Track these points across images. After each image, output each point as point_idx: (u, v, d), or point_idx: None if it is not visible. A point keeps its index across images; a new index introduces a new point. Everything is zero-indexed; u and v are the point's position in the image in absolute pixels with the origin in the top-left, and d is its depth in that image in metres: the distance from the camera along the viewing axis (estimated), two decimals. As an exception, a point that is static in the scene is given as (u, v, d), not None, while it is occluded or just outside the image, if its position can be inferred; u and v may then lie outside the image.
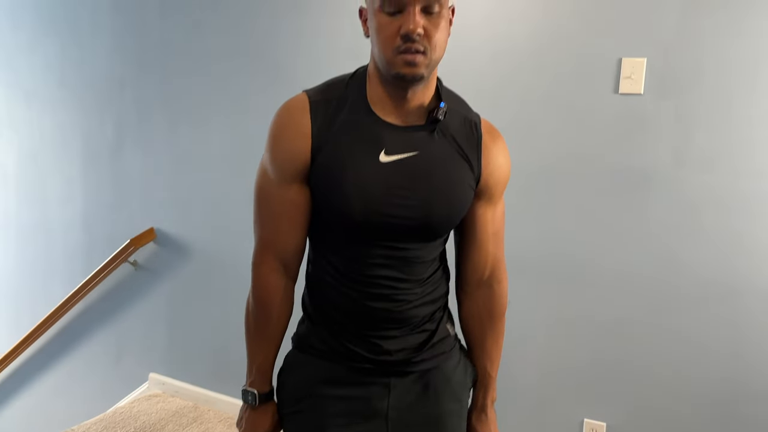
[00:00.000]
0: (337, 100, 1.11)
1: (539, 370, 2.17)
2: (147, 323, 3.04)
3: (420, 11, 1.01)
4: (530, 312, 2.17)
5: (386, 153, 1.08)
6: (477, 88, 2.16)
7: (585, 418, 2.13)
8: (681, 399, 2.00)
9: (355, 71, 1.16)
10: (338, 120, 1.09)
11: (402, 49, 1.01)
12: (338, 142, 1.08)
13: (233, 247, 2.76)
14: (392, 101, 1.09)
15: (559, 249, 2.13)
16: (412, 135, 1.10)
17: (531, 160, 2.13)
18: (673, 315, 1.99)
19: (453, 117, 1.14)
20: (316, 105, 1.10)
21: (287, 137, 1.11)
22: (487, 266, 1.23)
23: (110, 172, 3.08)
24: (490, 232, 1.21)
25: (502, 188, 1.20)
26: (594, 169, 2.05)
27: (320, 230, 1.18)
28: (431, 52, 1.03)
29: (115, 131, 3.03)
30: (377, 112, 1.10)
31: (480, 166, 1.15)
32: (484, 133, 1.17)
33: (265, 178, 1.16)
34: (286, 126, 1.11)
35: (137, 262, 3.03)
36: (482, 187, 1.16)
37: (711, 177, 1.91)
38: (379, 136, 1.08)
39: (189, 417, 2.77)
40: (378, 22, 1.03)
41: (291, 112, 1.12)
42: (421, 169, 1.09)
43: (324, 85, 1.16)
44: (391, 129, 1.09)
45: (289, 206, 1.14)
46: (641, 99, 1.97)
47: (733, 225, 1.89)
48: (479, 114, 1.20)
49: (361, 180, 1.07)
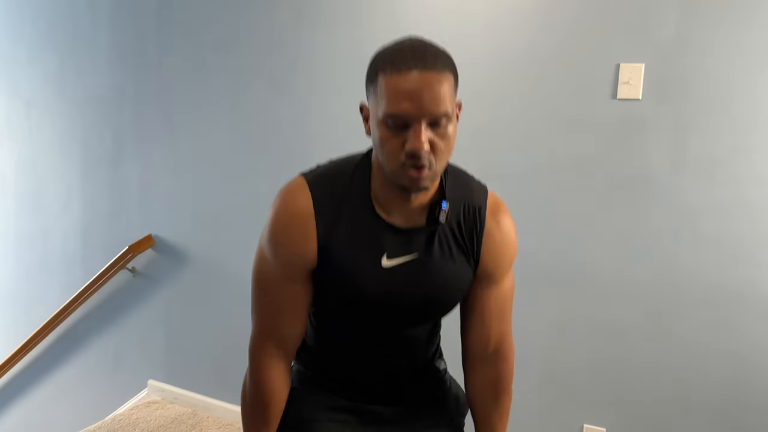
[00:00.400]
0: (341, 197, 1.08)
1: (539, 374, 2.17)
2: (145, 330, 3.04)
3: (426, 126, 0.96)
4: (530, 317, 2.17)
5: (388, 257, 1.09)
6: (476, 94, 2.17)
7: (585, 423, 2.13)
8: (681, 405, 1.99)
9: (360, 159, 1.12)
10: (342, 220, 1.08)
11: (407, 165, 0.98)
12: (343, 244, 1.08)
13: (231, 254, 2.76)
14: (396, 201, 1.07)
15: (558, 254, 2.13)
16: (413, 237, 1.10)
17: (529, 165, 2.13)
18: (673, 320, 1.99)
19: (456, 205, 1.11)
20: (321, 205, 1.08)
21: (292, 242, 1.08)
22: (491, 343, 1.20)
23: (109, 181, 3.08)
24: (493, 310, 1.18)
25: (505, 270, 1.17)
26: (592, 174, 2.05)
27: (320, 309, 1.19)
28: (437, 164, 1.00)
29: (114, 141, 3.04)
30: (380, 213, 1.08)
31: (479, 253, 1.13)
32: (488, 218, 1.13)
33: (266, 268, 1.13)
34: (290, 229, 1.08)
35: (135, 269, 3.03)
36: (482, 272, 1.15)
37: (710, 182, 1.91)
38: (382, 240, 1.09)
39: (188, 424, 2.76)
40: (382, 134, 0.99)
41: (295, 215, 1.08)
42: (420, 271, 1.11)
43: (327, 175, 1.11)
44: (393, 231, 1.09)
45: (292, 299, 1.13)
46: (639, 104, 1.97)
47: (733, 230, 1.90)
48: (486, 187, 1.17)
49: (364, 283, 1.10)
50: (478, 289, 1.16)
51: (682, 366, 1.99)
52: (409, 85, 0.94)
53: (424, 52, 0.96)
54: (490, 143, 2.17)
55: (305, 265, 1.09)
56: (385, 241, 1.08)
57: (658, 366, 2.02)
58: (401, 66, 0.95)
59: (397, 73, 0.94)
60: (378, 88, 0.97)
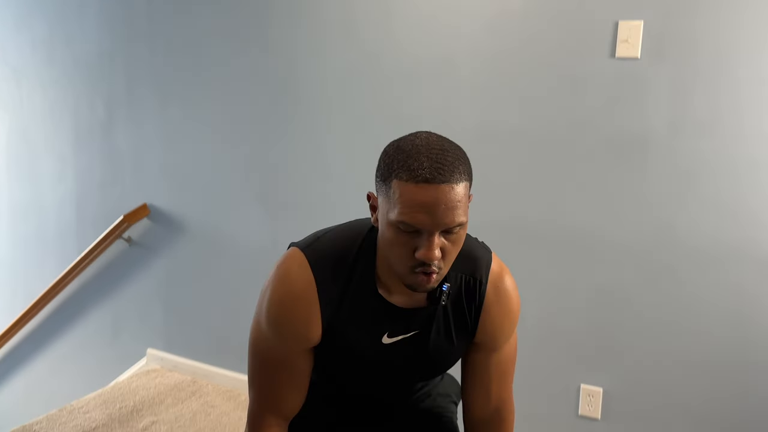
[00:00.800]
0: (345, 279, 1.06)
1: (536, 336, 2.18)
2: (143, 299, 3.04)
3: (439, 235, 0.93)
4: (526, 279, 2.16)
5: (389, 336, 1.10)
6: (473, 52, 2.14)
7: (582, 383, 2.15)
8: (678, 365, 2.01)
9: (363, 239, 1.08)
10: (346, 301, 1.07)
11: (417, 270, 0.95)
12: (345, 323, 1.07)
13: (227, 221, 2.75)
14: (398, 285, 1.06)
15: (553, 216, 2.12)
16: (414, 316, 1.10)
17: (525, 124, 2.11)
18: (672, 281, 1.99)
19: (457, 280, 1.10)
20: (324, 290, 1.05)
21: (295, 325, 1.07)
22: (490, 406, 1.20)
23: (101, 149, 3.05)
24: (493, 375, 1.18)
25: (504, 339, 1.16)
26: (589, 134, 2.04)
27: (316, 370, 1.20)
28: (446, 267, 0.98)
29: (106, 108, 3.00)
30: (383, 294, 1.07)
31: (477, 325, 1.12)
32: (489, 291, 1.11)
33: (266, 345, 1.11)
34: (293, 313, 1.06)
35: (131, 239, 3.01)
36: (480, 340, 1.15)
37: (709, 142, 1.90)
38: (384, 320, 1.09)
39: (188, 391, 2.78)
40: (391, 237, 0.95)
41: (298, 299, 1.05)
42: (419, 347, 1.12)
43: (330, 256, 1.07)
44: (395, 312, 1.08)
45: (293, 374, 1.12)
46: (638, 63, 1.94)
47: (733, 190, 1.89)
48: (490, 253, 1.15)
49: (365, 360, 1.11)
50: (478, 355, 1.17)
51: (680, 326, 2.00)
52: (425, 198, 0.90)
53: (442, 162, 0.91)
54: (487, 102, 2.15)
55: (308, 345, 1.09)
56: (387, 321, 1.09)
57: (656, 327, 2.03)
58: (417, 175, 0.90)
59: (413, 183, 0.90)
60: (391, 191, 0.93)
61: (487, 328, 1.12)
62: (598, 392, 2.12)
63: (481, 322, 1.11)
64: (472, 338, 1.13)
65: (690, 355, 1.99)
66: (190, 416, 2.57)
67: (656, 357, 2.04)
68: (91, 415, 2.56)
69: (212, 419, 2.55)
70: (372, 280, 1.06)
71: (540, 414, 2.21)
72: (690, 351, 1.99)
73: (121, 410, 2.60)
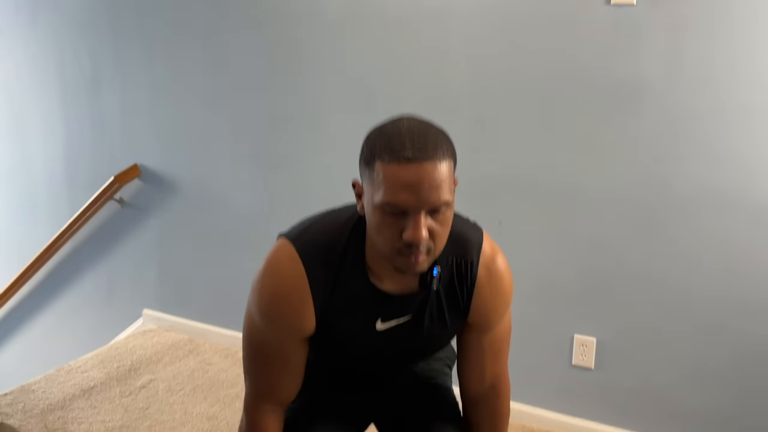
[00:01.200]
0: (336, 268, 1.05)
1: (530, 288, 2.19)
2: (137, 260, 3.03)
3: (426, 215, 0.92)
4: (519, 230, 2.17)
5: (382, 322, 1.10)
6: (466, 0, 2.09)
7: (575, 333, 2.17)
8: (670, 314, 2.03)
9: (352, 227, 1.07)
10: (338, 290, 1.06)
11: (405, 252, 0.94)
12: (338, 312, 1.08)
13: (219, 179, 2.72)
14: (389, 271, 1.05)
15: (545, 166, 2.11)
16: (406, 302, 1.10)
17: (517, 74, 2.09)
18: (665, 231, 2.00)
19: (448, 263, 1.09)
20: (316, 281, 1.04)
21: (288, 318, 1.06)
22: (485, 383, 1.21)
23: (90, 108, 3.00)
24: (487, 353, 1.18)
25: (498, 318, 1.16)
26: (583, 83, 2.01)
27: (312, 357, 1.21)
28: (435, 249, 0.96)
29: (92, 66, 2.94)
30: (374, 281, 1.07)
31: (469, 305, 1.12)
32: (480, 272, 1.11)
33: (260, 337, 1.10)
34: (286, 307, 1.05)
35: (123, 200, 2.99)
36: (473, 321, 1.14)
37: (703, 90, 1.88)
38: (377, 308, 1.09)
39: (185, 349, 2.80)
40: (378, 220, 0.94)
41: (290, 292, 1.05)
42: (412, 331, 1.13)
43: (320, 246, 1.06)
44: (387, 299, 1.08)
45: (288, 362, 1.12)
46: (633, 9, 1.91)
47: (724, 138, 1.88)
48: (482, 232, 1.13)
49: (358, 345, 1.13)
50: (472, 335, 1.17)
51: (672, 276, 2.01)
52: (408, 176, 0.89)
53: (424, 141, 0.91)
54: (479, 49, 2.12)
55: (301, 336, 1.09)
56: (380, 308, 1.09)
57: (648, 277, 2.04)
58: (400, 155, 0.90)
59: (396, 163, 0.90)
60: (375, 174, 0.93)
61: (479, 309, 1.12)
62: (591, 342, 2.15)
63: (474, 303, 1.12)
64: (465, 319, 1.14)
65: (682, 305, 2.01)
66: (187, 374, 2.59)
67: (649, 307, 2.05)
68: (89, 374, 2.58)
69: (210, 376, 2.57)
70: (363, 268, 1.06)
71: (534, 364, 2.23)
72: (682, 301, 2.01)
73: (119, 369, 2.62)
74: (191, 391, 2.45)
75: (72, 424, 2.21)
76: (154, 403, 2.36)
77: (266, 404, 1.15)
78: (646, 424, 2.10)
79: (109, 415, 2.27)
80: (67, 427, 2.20)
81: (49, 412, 2.29)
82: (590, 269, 2.12)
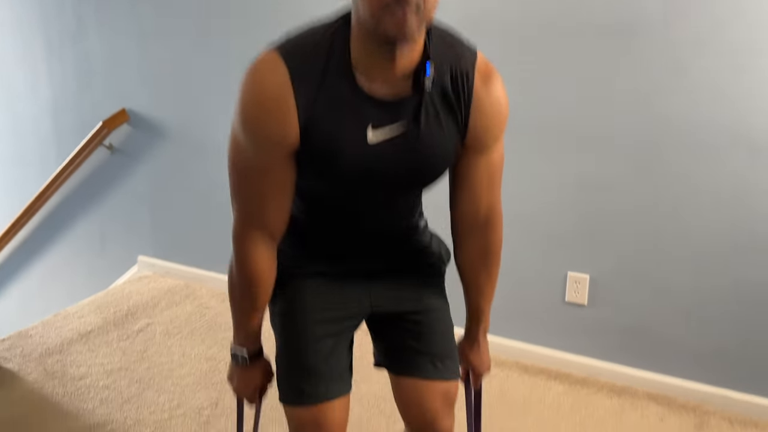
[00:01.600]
0: (320, 67, 0.97)
1: (524, 225, 2.19)
2: (130, 207, 3.01)
3: None
4: (514, 170, 2.15)
5: (373, 130, 1.01)
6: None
7: (569, 271, 2.18)
8: (667, 253, 2.03)
9: (337, 24, 0.99)
10: (322, 93, 0.98)
11: (392, 6, 0.85)
12: (324, 120, 0.99)
13: (209, 121, 2.68)
14: (378, 65, 0.97)
15: (543, 105, 2.08)
16: (398, 109, 1.01)
17: (512, 17, 2.03)
18: (662, 169, 1.98)
19: (442, 69, 1.01)
20: (298, 78, 0.96)
21: (271, 127, 0.98)
22: (480, 213, 1.17)
23: (75, 56, 2.93)
24: (483, 179, 1.13)
25: (495, 138, 1.10)
26: (579, 25, 1.96)
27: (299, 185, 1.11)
28: (425, 11, 0.87)
29: (75, 14, 2.85)
30: (362, 83, 0.98)
31: (467, 120, 1.05)
32: (477, 83, 1.04)
33: (244, 156, 1.03)
34: (268, 114, 0.97)
35: (113, 146, 2.95)
36: (471, 141, 1.08)
37: (704, 24, 1.83)
38: (366, 115, 1.00)
39: (181, 294, 2.81)
40: None
41: (271, 97, 0.97)
42: (407, 146, 1.03)
43: (303, 45, 0.99)
44: (376, 106, 0.99)
45: (275, 184, 1.05)
46: (633, -64, 1.84)
47: (725, 74, 1.84)
48: (476, 49, 1.07)
49: (350, 163, 1.02)
50: (468, 159, 1.11)
51: (669, 215, 2.00)
52: None
53: None
54: (475, -12, 2.06)
55: (286, 149, 1.01)
56: (369, 117, 1.00)
57: (643, 215, 2.04)
58: None
59: None
60: None
61: (479, 122, 1.06)
62: (584, 279, 2.16)
63: (473, 115, 1.06)
64: (464, 137, 1.08)
65: (679, 244, 2.01)
66: (185, 317, 2.61)
67: (642, 245, 2.06)
68: (86, 320, 2.59)
69: (207, 320, 2.59)
70: (349, 68, 0.98)
71: (528, 301, 2.25)
72: (679, 239, 2.01)
73: (115, 314, 2.63)
74: (189, 334, 2.47)
75: (71, 367, 2.23)
76: (152, 346, 2.38)
77: (254, 231, 1.11)
78: (639, 359, 2.14)
79: (107, 357, 2.30)
80: (66, 369, 2.22)
81: (48, 355, 2.31)
82: (584, 207, 2.11)
